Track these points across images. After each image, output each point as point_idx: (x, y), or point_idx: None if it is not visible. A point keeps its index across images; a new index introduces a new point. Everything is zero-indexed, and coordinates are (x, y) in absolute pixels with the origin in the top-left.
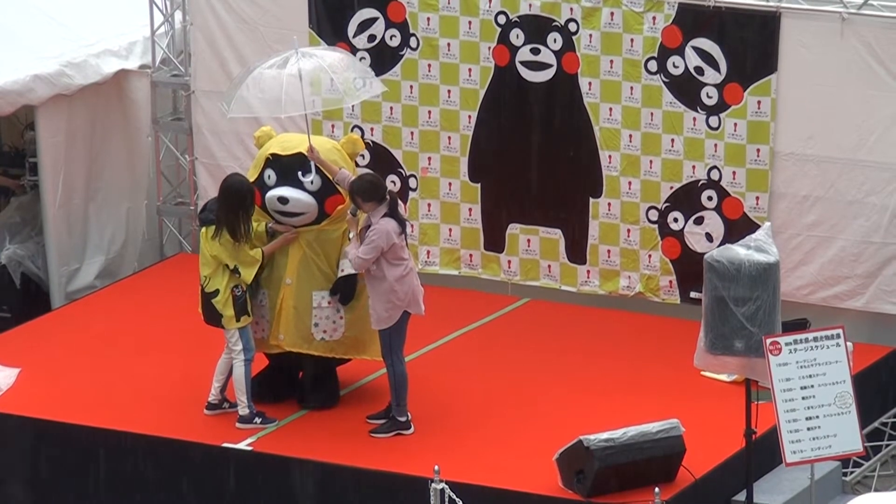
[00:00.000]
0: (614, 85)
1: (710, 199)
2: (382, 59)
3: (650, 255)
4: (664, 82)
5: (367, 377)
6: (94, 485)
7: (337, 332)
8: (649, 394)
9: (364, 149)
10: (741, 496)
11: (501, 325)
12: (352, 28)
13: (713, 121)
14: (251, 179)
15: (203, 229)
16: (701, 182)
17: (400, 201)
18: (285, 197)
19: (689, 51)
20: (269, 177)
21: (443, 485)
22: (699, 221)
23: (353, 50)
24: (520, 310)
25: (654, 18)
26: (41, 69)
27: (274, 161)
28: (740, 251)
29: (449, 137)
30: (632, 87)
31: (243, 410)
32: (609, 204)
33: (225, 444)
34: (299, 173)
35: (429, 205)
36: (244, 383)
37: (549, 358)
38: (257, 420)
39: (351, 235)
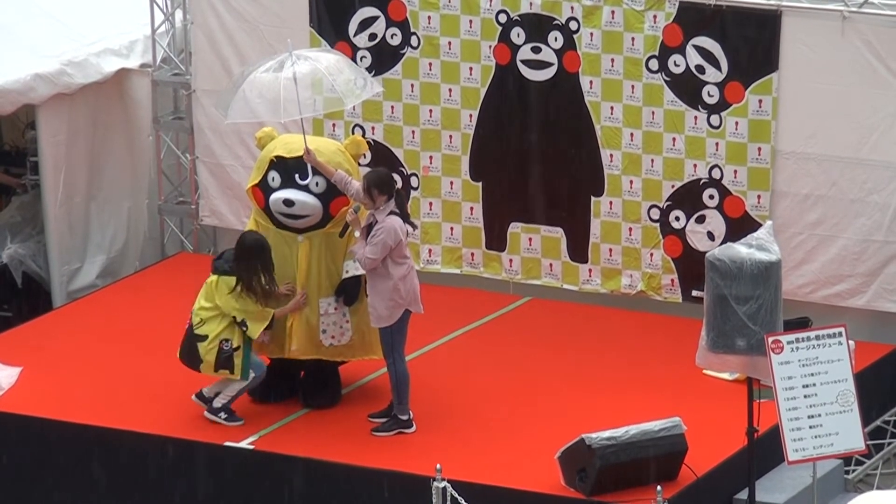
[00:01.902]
0: (615, 84)
1: (711, 197)
2: (383, 57)
3: (652, 254)
4: (665, 81)
5: (368, 376)
6: (95, 483)
7: (344, 336)
8: (651, 392)
9: (367, 150)
10: (743, 494)
11: (503, 324)
12: (352, 27)
13: (714, 119)
14: (254, 181)
15: (213, 278)
16: (702, 181)
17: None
18: (291, 199)
19: (690, 49)
20: (273, 179)
21: (445, 483)
22: (701, 220)
23: (354, 48)
24: (521, 308)
25: (654, 17)
26: (42, 68)
27: (278, 163)
28: (742, 250)
29: (450, 136)
30: (633, 86)
31: (217, 403)
32: (610, 203)
33: (227, 443)
34: (296, 176)
35: (430, 203)
36: (234, 393)
37: (550, 356)
38: (222, 415)
39: (357, 234)
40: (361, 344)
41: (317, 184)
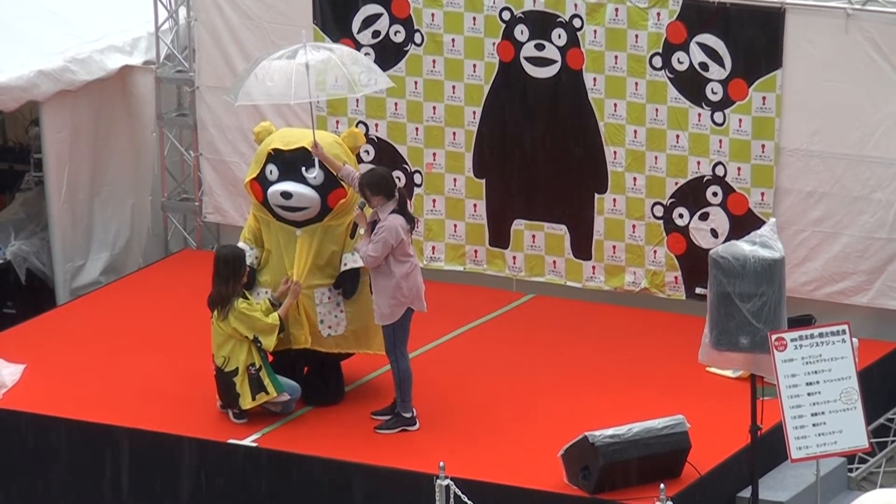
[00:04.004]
0: (619, 81)
1: (715, 194)
2: (387, 55)
3: (655, 251)
4: (669, 78)
5: (371, 373)
6: (98, 480)
7: (340, 325)
8: (654, 390)
9: (365, 142)
10: (746, 492)
11: (506, 321)
12: (356, 24)
13: (718, 117)
14: (252, 175)
15: (214, 315)
16: (706, 178)
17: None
18: (289, 192)
19: (693, 47)
20: (270, 172)
21: (448, 481)
22: (704, 217)
23: (358, 46)
24: (525, 306)
25: (658, 14)
26: (45, 65)
27: (276, 156)
28: (745, 247)
29: (454, 133)
30: (636, 83)
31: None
32: (614, 200)
33: (230, 441)
34: (303, 168)
35: (434, 201)
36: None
37: (554, 354)
38: (234, 410)
39: (361, 231)
40: (358, 336)
41: (315, 176)
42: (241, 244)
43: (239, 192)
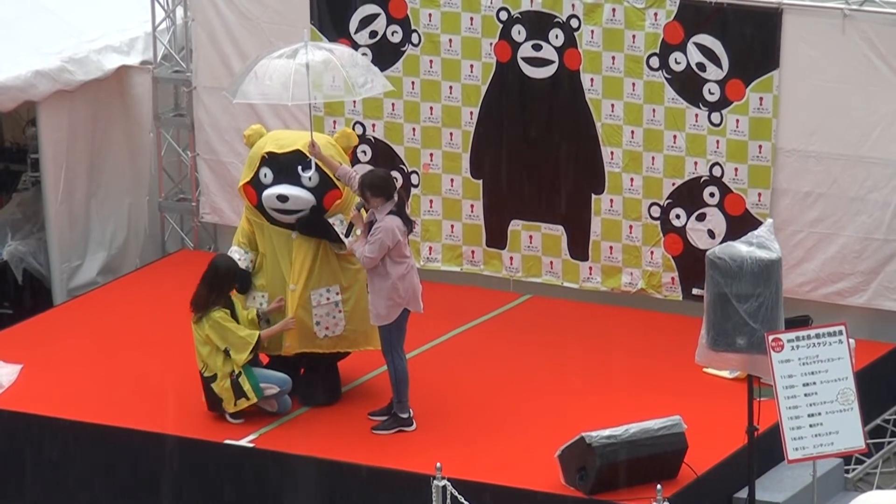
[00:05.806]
0: (616, 81)
1: (712, 195)
2: (384, 55)
3: (652, 252)
4: (666, 78)
5: (368, 374)
6: (95, 481)
7: (338, 326)
8: (651, 390)
9: (358, 143)
10: (743, 493)
11: (503, 322)
12: (353, 24)
13: (715, 117)
14: (246, 179)
15: (195, 319)
16: (703, 178)
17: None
18: (285, 195)
19: (690, 47)
20: (265, 175)
21: (445, 482)
22: (701, 218)
23: (355, 46)
24: (522, 306)
25: (655, 14)
26: (42, 65)
27: (270, 159)
28: (742, 248)
29: (451, 134)
30: (633, 84)
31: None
32: (611, 200)
33: (227, 441)
34: (299, 168)
35: (431, 201)
36: (271, 409)
37: (551, 354)
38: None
39: (358, 232)
40: (357, 335)
41: (310, 178)
42: (234, 248)
43: (236, 193)
